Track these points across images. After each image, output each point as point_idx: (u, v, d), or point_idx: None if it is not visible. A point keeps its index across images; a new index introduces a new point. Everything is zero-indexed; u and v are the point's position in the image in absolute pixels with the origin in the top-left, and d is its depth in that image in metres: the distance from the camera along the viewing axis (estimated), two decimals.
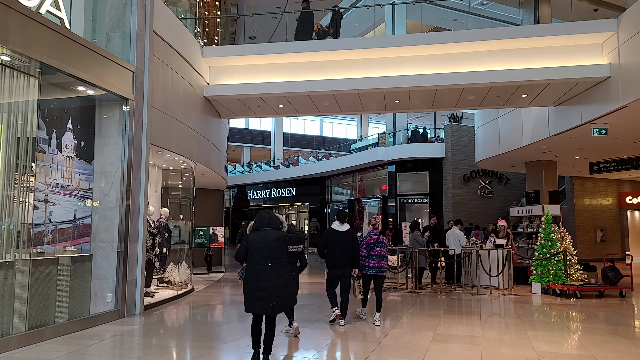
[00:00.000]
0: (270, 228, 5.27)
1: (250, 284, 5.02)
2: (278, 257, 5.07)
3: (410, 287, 11.07)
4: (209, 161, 12.04)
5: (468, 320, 7.49)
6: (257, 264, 5.02)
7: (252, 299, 4.98)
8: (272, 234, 5.20)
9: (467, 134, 21.73)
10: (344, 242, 6.90)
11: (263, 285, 4.94)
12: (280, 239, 5.19)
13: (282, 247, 5.17)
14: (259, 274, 4.98)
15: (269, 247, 5.07)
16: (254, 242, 5.13)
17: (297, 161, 31.73)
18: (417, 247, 10.87)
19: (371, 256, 7.14)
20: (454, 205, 21.18)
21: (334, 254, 6.92)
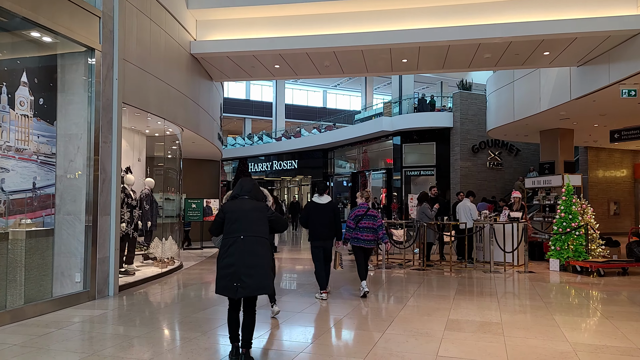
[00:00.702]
0: (249, 197, 4.32)
1: (221, 260, 4.16)
2: (254, 229, 4.19)
3: (417, 264, 10.18)
4: (198, 127, 11.03)
5: (484, 302, 6.58)
6: (230, 235, 4.16)
7: (219, 277, 4.13)
8: (251, 203, 4.30)
9: (476, 103, 20.56)
10: (324, 215, 6.79)
11: (229, 261, 4.07)
12: (259, 209, 4.31)
13: (260, 218, 4.27)
14: (228, 248, 4.12)
15: (244, 217, 4.19)
16: (229, 211, 4.26)
17: (299, 133, 30.66)
18: (425, 220, 9.93)
19: (359, 228, 7.00)
20: (461, 178, 20.18)
21: (315, 227, 6.80)
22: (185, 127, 10.14)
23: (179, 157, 10.71)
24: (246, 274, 4.03)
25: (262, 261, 4.13)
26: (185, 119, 10.08)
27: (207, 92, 11.99)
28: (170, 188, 10.87)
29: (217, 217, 4.35)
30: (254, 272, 4.06)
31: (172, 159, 10.95)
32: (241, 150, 33.65)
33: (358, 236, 7.01)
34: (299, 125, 32.75)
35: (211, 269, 10.12)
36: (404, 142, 21.88)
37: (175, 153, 10.80)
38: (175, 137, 10.78)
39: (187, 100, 10.26)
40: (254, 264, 4.08)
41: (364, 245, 7.05)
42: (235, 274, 4.02)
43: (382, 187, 23.52)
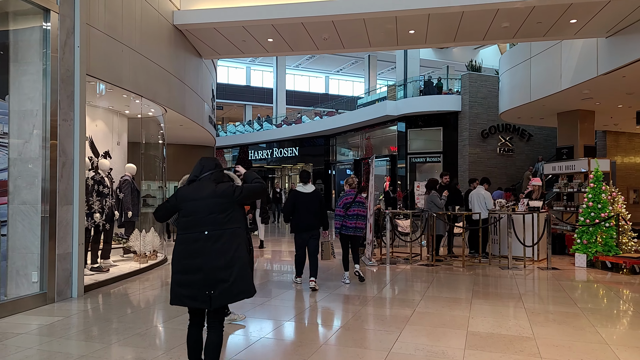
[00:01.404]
0: (211, 180, 3.35)
1: (178, 263, 3.20)
2: (220, 221, 3.24)
3: (425, 259, 9.19)
4: (184, 108, 10.01)
5: (507, 308, 5.60)
6: (189, 230, 3.22)
7: (180, 284, 3.18)
8: (213, 187, 3.33)
9: (487, 85, 19.43)
10: (310, 204, 6.58)
11: (195, 264, 3.15)
12: (224, 194, 3.31)
13: (226, 205, 3.29)
14: (189, 248, 3.18)
15: (206, 207, 3.24)
16: (186, 200, 3.29)
17: (300, 119, 29.59)
18: (434, 210, 8.92)
19: (348, 216, 6.90)
20: (470, 165, 19.13)
21: (301, 216, 6.59)
22: (168, 107, 9.12)
23: (162, 141, 9.71)
24: (221, 278, 3.12)
25: (238, 259, 3.21)
26: (168, 98, 9.06)
27: (194, 71, 10.95)
28: (153, 175, 9.87)
29: (167, 202, 3.40)
30: (230, 274, 3.15)
31: (155, 143, 9.94)
32: (241, 137, 32.65)
33: (346, 224, 6.90)
34: (299, 112, 31.66)
35: None
36: (409, 127, 20.82)
37: (158, 137, 9.79)
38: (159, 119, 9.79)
39: (170, 77, 9.23)
40: (228, 263, 3.16)
41: (353, 234, 6.93)
42: (207, 280, 3.11)
43: (385, 175, 22.51)
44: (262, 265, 9.03)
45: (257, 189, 3.49)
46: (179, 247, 3.22)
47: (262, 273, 8.15)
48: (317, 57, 38.16)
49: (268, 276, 7.77)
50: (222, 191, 3.30)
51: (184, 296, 3.16)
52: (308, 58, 38.56)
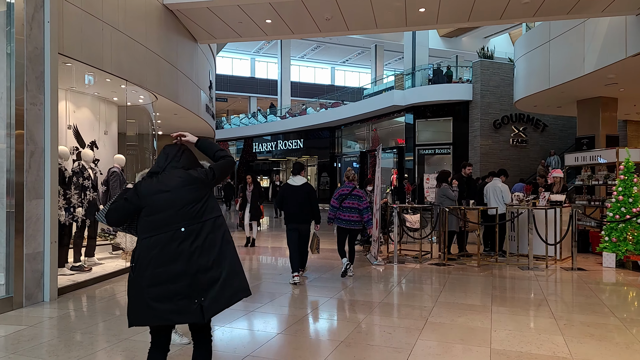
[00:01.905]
0: (178, 167, 2.72)
1: (150, 273, 2.54)
2: (197, 213, 2.65)
3: (436, 257, 8.48)
4: (176, 95, 9.32)
5: (536, 318, 4.88)
6: (159, 231, 2.58)
7: (158, 299, 2.54)
8: (181, 175, 2.68)
9: (499, 73, 18.58)
10: (299, 197, 6.54)
11: (176, 271, 2.54)
12: (196, 180, 2.71)
13: (201, 193, 2.70)
14: (164, 252, 2.55)
15: (179, 199, 2.64)
16: (150, 195, 2.65)
17: (305, 110, 28.86)
18: (446, 204, 8.19)
19: (343, 208, 6.88)
20: (481, 156, 18.34)
21: (290, 209, 6.59)
22: (158, 94, 8.44)
23: (152, 130, 9.05)
24: (211, 279, 2.56)
25: (226, 252, 2.66)
26: (157, 84, 8.38)
27: (189, 56, 10.26)
28: (142, 167, 9.23)
29: (123, 201, 2.70)
30: (221, 271, 2.60)
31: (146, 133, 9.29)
32: (245, 129, 32.02)
33: (340, 216, 6.87)
34: (304, 103, 30.91)
35: None
36: (417, 118, 20.04)
37: (148, 126, 9.13)
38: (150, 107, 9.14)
39: (161, 61, 8.54)
40: (217, 260, 2.61)
41: (346, 226, 6.87)
42: (194, 286, 2.52)
43: (392, 168, 21.78)
44: (254, 265, 8.35)
45: (228, 166, 2.89)
46: (148, 253, 2.55)
47: (254, 274, 7.47)
48: (322, 48, 37.36)
49: (260, 277, 7.09)
50: (197, 177, 2.69)
51: (167, 312, 2.51)
52: (313, 49, 37.77)
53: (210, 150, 2.92)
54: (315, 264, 8.00)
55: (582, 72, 10.36)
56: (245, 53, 39.55)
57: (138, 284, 2.56)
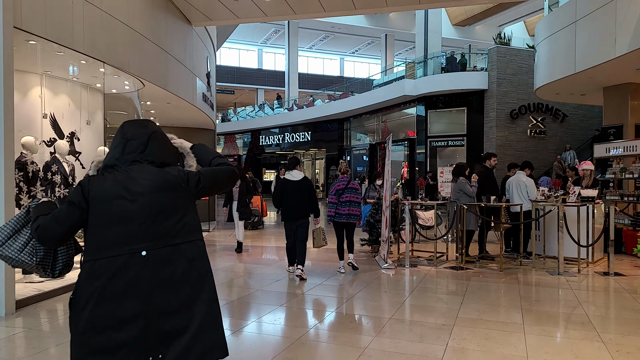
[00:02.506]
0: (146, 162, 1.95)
1: (93, 312, 1.79)
2: (167, 231, 1.90)
3: (452, 260, 7.60)
4: (166, 82, 8.51)
5: (580, 342, 4.02)
6: (108, 252, 1.83)
7: (100, 351, 1.78)
8: (151, 176, 1.93)
9: (517, 60, 17.56)
10: (299, 192, 6.41)
11: (128, 311, 1.79)
12: (172, 185, 1.95)
13: (177, 204, 1.95)
14: (114, 282, 1.80)
15: (143, 207, 1.88)
16: (103, 200, 1.88)
17: (312, 102, 27.99)
18: (463, 200, 7.31)
19: (341, 203, 6.70)
20: (497, 148, 17.33)
21: (290, 205, 6.44)
22: (144, 79, 7.63)
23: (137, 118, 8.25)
24: (176, 328, 1.82)
25: (202, 293, 1.90)
26: (142, 68, 7.56)
27: (182, 39, 9.44)
28: None
29: (65, 209, 1.88)
30: (191, 318, 1.83)
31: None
32: (252, 122, 31.24)
33: (339, 211, 6.70)
34: (311, 95, 30.03)
35: None
36: (429, 109, 19.10)
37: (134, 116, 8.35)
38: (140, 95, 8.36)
39: (146, 42, 7.73)
40: (187, 302, 1.83)
41: (346, 220, 6.70)
42: (149, 336, 1.76)
43: (403, 161, 20.88)
44: (241, 272, 7.55)
45: (224, 175, 2.07)
46: (91, 283, 1.78)
47: (242, 283, 6.67)
48: (331, 38, 36.41)
49: (250, 287, 6.29)
50: (173, 179, 1.92)
51: None
52: (322, 39, 36.85)
53: (205, 157, 2.12)
54: (317, 268, 7.18)
55: (613, 55, 9.37)
56: (252, 44, 38.74)
57: (72, 329, 1.78)
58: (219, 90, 39.37)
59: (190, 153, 2.12)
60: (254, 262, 7.82)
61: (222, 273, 6.99)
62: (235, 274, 6.95)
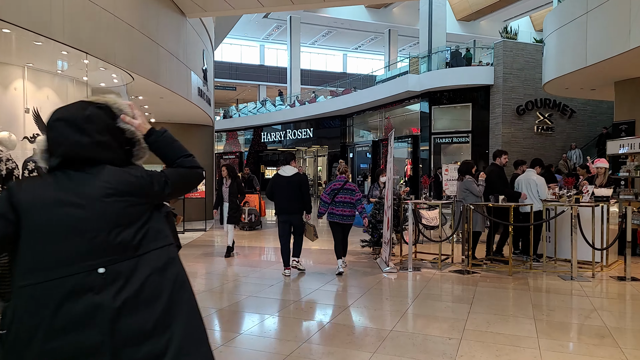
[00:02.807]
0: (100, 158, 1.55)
1: (36, 351, 1.38)
2: (130, 242, 1.50)
3: (458, 263, 7.19)
4: (157, 75, 8.12)
5: (602, 359, 3.61)
6: (55, 273, 1.41)
7: None
8: (106, 175, 1.54)
9: (524, 54, 17.08)
10: (290, 188, 6.44)
11: (88, 343, 1.39)
12: (134, 189, 1.56)
13: (139, 210, 1.56)
14: (63, 309, 1.39)
15: (96, 216, 1.47)
16: (39, 209, 1.46)
17: (315, 98, 27.58)
18: (470, 200, 6.89)
19: (335, 203, 6.57)
20: (503, 145, 16.85)
21: (281, 200, 6.49)
22: (132, 72, 7.24)
23: None
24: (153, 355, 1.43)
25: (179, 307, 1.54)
26: (130, 60, 7.17)
27: (175, 31, 9.05)
28: None
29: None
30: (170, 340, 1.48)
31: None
32: (254, 118, 30.87)
33: (333, 211, 6.57)
34: (314, 91, 29.60)
35: None
36: (433, 105, 18.65)
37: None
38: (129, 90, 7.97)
39: (135, 33, 7.33)
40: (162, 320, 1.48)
41: (340, 221, 6.57)
42: None
43: (406, 158, 20.45)
44: (234, 276, 7.17)
45: (194, 180, 1.76)
46: (35, 313, 1.40)
47: (233, 289, 6.29)
48: (333, 33, 35.96)
49: (241, 294, 5.91)
50: (134, 181, 1.57)
51: None
52: (324, 34, 36.39)
53: (170, 154, 1.74)
54: (313, 270, 6.80)
55: (626, 47, 8.91)
56: (254, 39, 38.33)
57: None
58: (221, 87, 39.03)
59: (142, 143, 1.72)
60: (248, 265, 7.43)
61: (212, 277, 6.62)
62: (227, 279, 6.57)
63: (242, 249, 8.81)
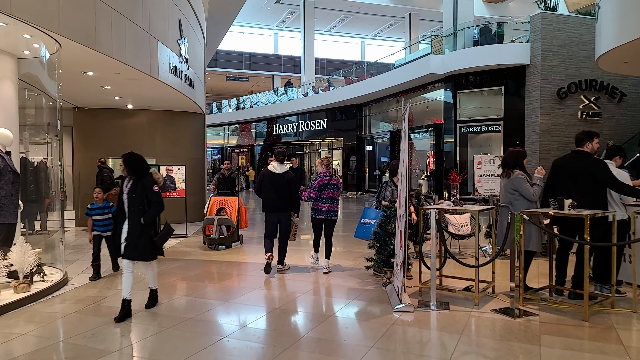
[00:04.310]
0: None
1: None
2: None
3: (502, 292, 5.08)
4: (94, 38, 6.13)
5: None
6: None
7: None
8: None
9: (565, 29, 14.71)
10: (279, 185, 6.25)
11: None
12: None
13: None
14: None
15: None
16: None
17: (328, 87, 25.52)
18: (520, 206, 4.79)
19: (322, 199, 6.35)
20: (540, 134, 14.64)
21: (269, 197, 6.31)
22: (54, 32, 5.30)
23: (55, 96, 6.00)
24: None
25: None
26: (51, 16, 5.23)
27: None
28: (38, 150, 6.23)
29: None
30: None
31: (51, 102, 6.24)
32: (265, 109, 29.03)
33: (318, 207, 6.38)
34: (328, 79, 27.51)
35: (116, 288, 5.22)
36: (458, 89, 16.42)
37: (47, 92, 6.07)
38: (70, 62, 6.10)
39: None
40: None
41: (325, 217, 6.37)
42: None
43: (428, 151, 18.27)
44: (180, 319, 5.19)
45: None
46: None
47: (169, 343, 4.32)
48: (350, 19, 33.79)
49: (178, 353, 3.94)
50: None
51: None
52: (341, 20, 34.25)
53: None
54: (300, 309, 4.81)
55: None
56: (267, 27, 36.42)
57: None
58: (233, 78, 37.27)
59: None
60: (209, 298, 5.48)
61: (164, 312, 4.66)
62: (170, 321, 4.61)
63: (178, 290, 6.80)
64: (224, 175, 9.28)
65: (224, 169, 9.43)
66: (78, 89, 8.81)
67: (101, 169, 10.05)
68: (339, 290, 5.50)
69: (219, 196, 8.88)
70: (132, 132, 11.42)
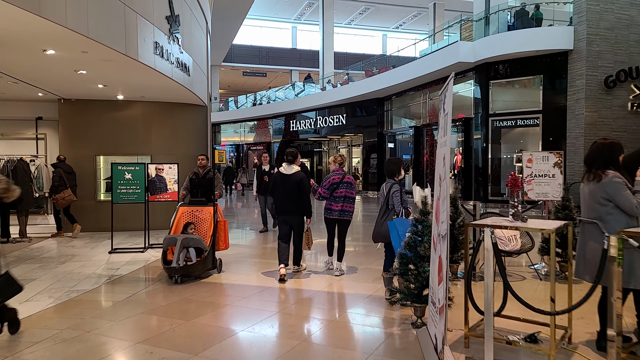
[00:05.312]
0: None
1: None
2: None
3: (580, 342, 3.59)
4: (38, 3, 4.83)
5: None
6: None
7: None
8: None
9: (614, 9, 12.98)
10: (289, 187, 6.00)
11: None
12: None
13: None
14: None
15: None
16: None
17: (347, 80, 24.05)
18: (616, 223, 3.30)
19: (334, 198, 6.12)
20: (585, 129, 12.94)
21: (279, 199, 6.12)
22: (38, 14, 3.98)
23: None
24: None
25: None
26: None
27: None
28: None
29: None
30: None
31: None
32: (282, 105, 27.75)
33: (331, 207, 6.14)
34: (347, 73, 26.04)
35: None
36: (490, 79, 14.80)
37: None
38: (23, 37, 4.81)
39: None
40: None
41: (338, 217, 6.13)
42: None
43: (456, 147, 16.67)
44: None
45: None
46: None
47: None
48: (371, 10, 32.27)
49: None
50: None
51: None
52: (361, 12, 32.76)
53: None
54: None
55: None
56: (285, 20, 35.11)
57: None
58: (250, 73, 36.08)
59: None
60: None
61: None
62: None
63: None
64: (198, 176, 7.07)
65: (198, 166, 7.22)
66: (51, 75, 7.56)
67: (55, 167, 8.91)
68: (355, 332, 4.08)
69: (189, 205, 6.57)
70: (125, 126, 10.19)
